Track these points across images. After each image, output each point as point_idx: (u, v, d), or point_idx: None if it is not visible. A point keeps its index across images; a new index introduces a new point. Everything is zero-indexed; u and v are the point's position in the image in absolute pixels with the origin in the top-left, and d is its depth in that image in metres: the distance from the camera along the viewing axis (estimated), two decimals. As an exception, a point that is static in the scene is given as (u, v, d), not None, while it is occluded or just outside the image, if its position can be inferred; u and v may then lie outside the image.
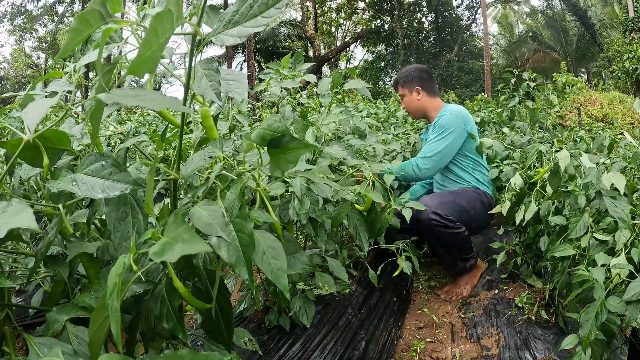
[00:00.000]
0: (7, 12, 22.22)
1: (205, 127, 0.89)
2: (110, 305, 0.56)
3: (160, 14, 0.42)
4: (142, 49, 0.43)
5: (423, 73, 2.55)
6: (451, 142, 2.30)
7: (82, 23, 0.44)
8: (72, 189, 0.67)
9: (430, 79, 2.56)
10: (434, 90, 2.54)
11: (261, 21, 0.62)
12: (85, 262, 0.82)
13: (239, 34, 0.63)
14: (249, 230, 0.66)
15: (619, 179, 1.38)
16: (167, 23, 0.43)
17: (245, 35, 0.64)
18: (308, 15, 14.36)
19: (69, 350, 0.71)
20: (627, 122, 8.79)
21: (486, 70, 15.73)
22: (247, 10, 0.63)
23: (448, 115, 2.34)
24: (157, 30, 0.43)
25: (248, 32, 0.63)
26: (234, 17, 0.63)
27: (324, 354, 1.57)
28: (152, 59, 0.45)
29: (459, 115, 2.34)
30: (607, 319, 1.14)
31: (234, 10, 0.64)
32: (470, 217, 2.24)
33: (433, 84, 2.56)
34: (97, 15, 0.43)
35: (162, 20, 0.43)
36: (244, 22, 0.63)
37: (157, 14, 0.42)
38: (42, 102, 0.70)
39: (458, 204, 2.22)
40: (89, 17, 0.44)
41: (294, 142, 0.63)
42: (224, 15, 0.64)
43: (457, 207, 2.20)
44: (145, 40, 0.43)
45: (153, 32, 0.43)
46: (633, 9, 14.88)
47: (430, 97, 2.52)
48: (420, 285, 2.50)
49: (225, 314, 0.78)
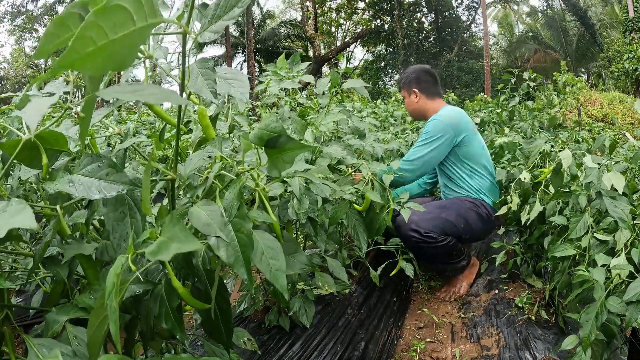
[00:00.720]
0: (7, 12, 22.23)
1: (202, 126, 0.89)
2: (108, 306, 0.55)
3: (104, 8, 0.40)
4: (77, 43, 0.40)
5: (422, 74, 2.49)
6: (436, 149, 2.21)
7: (59, 27, 0.42)
8: (69, 190, 0.67)
9: (431, 80, 2.49)
10: (433, 92, 2.47)
11: (236, 12, 0.62)
12: (84, 262, 0.82)
13: (219, 29, 0.63)
14: (248, 230, 0.66)
15: (618, 179, 1.37)
16: (118, 18, 0.41)
17: (222, 29, 0.64)
18: (308, 15, 14.35)
19: (69, 351, 0.71)
20: (627, 122, 8.79)
21: (486, 70, 15.74)
22: (226, 2, 0.63)
23: (437, 121, 2.26)
24: (101, 25, 0.40)
25: (225, 25, 0.63)
26: (216, 12, 0.63)
27: (324, 354, 1.57)
28: (99, 55, 0.42)
29: (449, 122, 2.24)
30: (607, 319, 1.14)
31: (216, 5, 0.64)
32: (460, 230, 2.17)
33: (433, 85, 2.49)
34: (75, 18, 0.42)
35: (107, 15, 0.41)
36: (223, 16, 0.63)
37: (99, 7, 0.40)
38: (42, 102, 0.69)
39: (443, 219, 2.15)
40: (67, 21, 0.43)
41: (291, 142, 0.63)
42: (208, 12, 0.64)
43: (441, 221, 2.14)
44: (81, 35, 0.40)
45: (93, 27, 0.40)
46: (633, 9, 14.87)
47: (428, 99, 2.46)
48: (420, 285, 2.50)
49: (224, 314, 0.78)
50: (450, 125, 2.24)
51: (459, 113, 2.35)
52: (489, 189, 2.33)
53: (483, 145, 2.39)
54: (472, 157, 2.31)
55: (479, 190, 2.31)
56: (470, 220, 2.22)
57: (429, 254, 2.16)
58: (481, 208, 2.28)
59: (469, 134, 2.30)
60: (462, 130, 2.27)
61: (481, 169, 2.33)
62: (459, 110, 2.40)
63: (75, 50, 0.41)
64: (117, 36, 0.43)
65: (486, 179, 2.33)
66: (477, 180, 2.32)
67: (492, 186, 2.34)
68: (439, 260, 2.23)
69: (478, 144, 2.35)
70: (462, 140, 2.27)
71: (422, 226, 2.09)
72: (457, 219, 2.18)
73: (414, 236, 2.09)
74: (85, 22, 0.40)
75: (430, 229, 2.10)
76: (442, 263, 2.25)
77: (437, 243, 2.10)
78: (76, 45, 0.41)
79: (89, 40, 0.42)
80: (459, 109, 2.45)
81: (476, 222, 2.24)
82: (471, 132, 2.32)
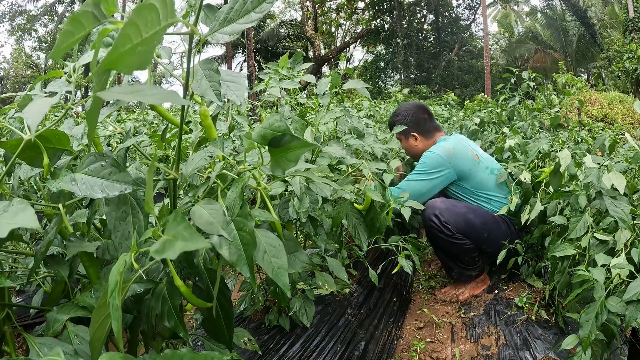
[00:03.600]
0: (7, 12, 22.23)
1: (204, 126, 0.89)
2: (111, 304, 0.56)
3: (141, 7, 0.41)
4: (120, 41, 0.41)
5: (419, 114, 2.39)
6: (430, 182, 2.15)
7: (74, 25, 0.43)
8: (72, 189, 0.67)
9: (427, 119, 2.40)
10: (430, 130, 2.39)
11: (253, 17, 0.63)
12: (85, 261, 0.82)
13: (232, 31, 0.63)
14: (250, 229, 0.66)
15: (619, 179, 1.38)
16: (150, 17, 0.42)
17: (238, 32, 0.64)
18: (308, 15, 14.36)
19: (70, 350, 0.71)
20: (627, 122, 8.79)
21: (486, 70, 15.76)
22: (241, 7, 0.63)
23: (433, 154, 2.18)
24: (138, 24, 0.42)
25: (241, 29, 0.63)
26: (228, 15, 0.63)
27: (324, 354, 1.57)
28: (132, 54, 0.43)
29: (446, 155, 2.17)
30: (607, 319, 1.14)
31: (229, 8, 0.64)
32: (481, 239, 2.12)
33: (429, 123, 2.40)
34: (89, 16, 0.43)
35: (143, 13, 0.42)
36: (238, 20, 0.63)
37: (138, 6, 0.41)
38: (43, 102, 0.70)
39: (468, 220, 2.11)
40: (81, 19, 0.43)
41: (295, 141, 0.64)
42: (219, 14, 0.65)
43: (464, 221, 2.10)
44: (123, 33, 0.41)
45: (132, 25, 0.41)
46: (633, 9, 14.88)
47: (427, 140, 2.38)
48: (420, 285, 2.50)
49: (225, 312, 0.78)
50: (448, 158, 2.17)
51: (456, 144, 2.25)
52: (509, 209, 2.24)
53: (492, 169, 2.27)
54: (484, 185, 2.23)
55: None
56: (497, 233, 2.15)
57: (443, 247, 2.15)
58: (511, 226, 2.22)
59: (469, 165, 2.21)
60: (461, 163, 2.20)
61: (497, 192, 2.24)
62: (457, 141, 2.29)
63: (117, 49, 0.42)
64: (148, 35, 0.44)
65: (503, 200, 2.23)
66: (496, 204, 2.22)
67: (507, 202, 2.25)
68: (451, 257, 2.21)
69: (485, 171, 2.25)
70: (466, 174, 2.21)
71: (444, 215, 2.08)
72: (482, 227, 2.13)
73: (433, 221, 2.09)
74: (127, 21, 0.41)
75: (450, 221, 2.08)
76: (453, 262, 2.22)
77: (452, 238, 2.08)
78: (119, 43, 0.42)
79: (128, 38, 0.42)
80: (457, 138, 2.34)
81: (504, 236, 2.16)
82: (472, 162, 2.23)
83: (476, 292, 2.25)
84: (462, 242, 2.11)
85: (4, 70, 25.61)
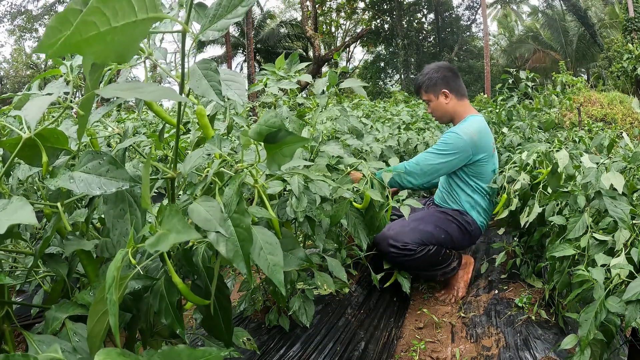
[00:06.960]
0: (7, 12, 22.26)
1: (201, 125, 0.89)
2: (108, 299, 0.56)
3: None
4: (81, 26, 0.41)
5: (447, 72, 2.30)
6: (449, 162, 2.13)
7: (60, 22, 0.43)
8: (70, 186, 0.68)
9: (456, 77, 2.32)
10: (461, 92, 2.31)
11: (240, 11, 0.63)
12: (84, 259, 0.82)
13: (222, 27, 0.64)
14: (247, 225, 0.66)
15: (617, 179, 1.37)
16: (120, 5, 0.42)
17: (226, 27, 0.64)
18: (308, 15, 14.36)
19: (68, 347, 0.72)
20: (627, 122, 8.79)
21: (486, 70, 15.76)
22: (229, 2, 0.63)
23: (459, 137, 2.13)
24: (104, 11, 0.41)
25: (229, 24, 0.63)
26: (217, 11, 0.64)
27: (324, 354, 1.57)
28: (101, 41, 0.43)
29: (471, 140, 2.13)
30: (607, 319, 1.14)
31: (217, 4, 0.64)
32: (441, 240, 2.13)
33: (459, 83, 2.32)
34: (77, 14, 0.43)
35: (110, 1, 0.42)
36: (226, 15, 0.63)
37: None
38: (42, 100, 0.70)
39: (421, 230, 2.10)
40: (68, 16, 0.44)
41: (290, 136, 0.64)
42: (209, 11, 0.65)
43: (419, 233, 2.09)
44: (84, 19, 0.41)
45: (95, 12, 0.41)
46: (633, 9, 14.88)
47: (458, 100, 2.30)
48: (420, 285, 2.50)
49: (224, 310, 0.78)
50: (472, 143, 2.14)
51: (482, 130, 2.21)
52: (483, 209, 2.27)
53: (495, 168, 2.28)
54: (482, 178, 2.23)
55: (474, 206, 2.26)
56: (451, 231, 2.18)
57: (412, 267, 2.12)
58: (464, 221, 2.23)
59: (487, 155, 2.20)
60: (482, 150, 2.18)
61: (486, 189, 2.25)
62: (483, 126, 2.24)
63: (79, 33, 0.42)
64: (119, 24, 0.44)
65: (486, 198, 2.27)
66: (477, 199, 2.25)
67: (489, 206, 2.28)
68: (425, 269, 2.18)
69: (492, 166, 2.25)
70: (479, 160, 2.19)
71: (399, 240, 2.05)
72: (435, 229, 2.14)
73: (392, 251, 2.06)
74: (89, 7, 0.41)
75: (407, 241, 2.05)
76: (430, 271, 2.19)
77: (415, 254, 2.06)
78: (79, 28, 0.42)
79: (92, 25, 0.43)
80: (484, 125, 2.27)
81: (457, 233, 2.20)
82: (490, 153, 2.22)
83: (467, 278, 2.29)
84: (427, 250, 2.09)
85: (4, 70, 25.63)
